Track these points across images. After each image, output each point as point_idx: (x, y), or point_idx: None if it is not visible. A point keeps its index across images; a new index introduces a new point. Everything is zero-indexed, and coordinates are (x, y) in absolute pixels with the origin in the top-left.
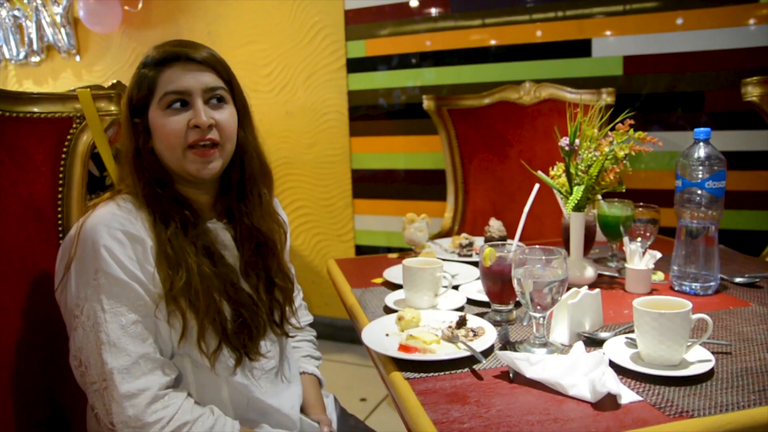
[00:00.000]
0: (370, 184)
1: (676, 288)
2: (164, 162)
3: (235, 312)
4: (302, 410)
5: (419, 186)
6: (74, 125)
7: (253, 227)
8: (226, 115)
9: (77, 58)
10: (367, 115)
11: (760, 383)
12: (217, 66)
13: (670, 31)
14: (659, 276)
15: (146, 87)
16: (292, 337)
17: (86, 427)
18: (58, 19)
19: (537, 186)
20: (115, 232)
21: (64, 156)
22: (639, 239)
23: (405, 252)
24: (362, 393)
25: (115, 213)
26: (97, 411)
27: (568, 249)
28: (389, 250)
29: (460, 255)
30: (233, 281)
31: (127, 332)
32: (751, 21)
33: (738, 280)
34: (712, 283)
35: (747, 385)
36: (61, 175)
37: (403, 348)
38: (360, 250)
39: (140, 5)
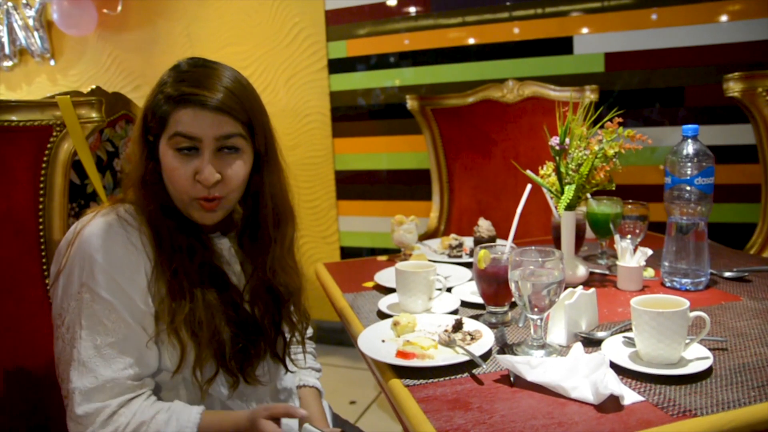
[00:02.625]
0: (354, 185)
1: (668, 284)
2: (170, 195)
3: (235, 335)
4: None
5: (403, 186)
6: (54, 133)
7: (261, 272)
8: (236, 169)
9: (52, 63)
10: (350, 115)
11: (759, 379)
12: (235, 110)
13: (650, 27)
14: (650, 272)
15: (159, 117)
16: (293, 372)
17: None
18: (30, 22)
19: (529, 187)
20: (110, 247)
21: (44, 165)
22: (629, 236)
23: (394, 254)
24: (351, 396)
25: (113, 225)
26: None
27: (558, 247)
28: (374, 251)
29: (450, 256)
30: (236, 303)
31: (99, 354)
32: (724, 18)
33: (727, 274)
34: (702, 279)
35: (746, 381)
36: (41, 186)
37: (401, 354)
38: (345, 251)
39: (119, 7)
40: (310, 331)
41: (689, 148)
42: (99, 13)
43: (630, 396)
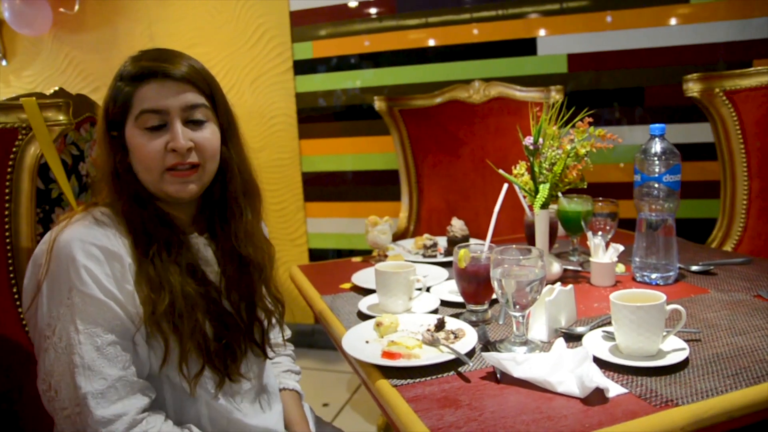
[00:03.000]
0: (321, 187)
1: (638, 279)
2: (142, 181)
3: (218, 332)
4: (286, 427)
5: (371, 187)
6: (20, 136)
7: (234, 249)
8: (207, 135)
9: (3, 63)
10: (316, 117)
11: (733, 368)
12: (198, 81)
13: (610, 29)
14: (621, 268)
15: (122, 102)
16: (271, 359)
17: None
18: None
19: (506, 186)
20: (91, 248)
21: (10, 170)
22: (599, 233)
23: (368, 255)
24: (324, 398)
25: (91, 228)
26: None
27: (533, 245)
28: (340, 253)
29: (424, 256)
30: (215, 299)
31: (103, 354)
32: (675, 21)
33: (694, 268)
34: (671, 273)
35: (721, 371)
36: (7, 191)
37: (387, 355)
38: (313, 253)
39: (76, 7)
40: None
41: (657, 146)
42: (54, 13)
43: (614, 389)
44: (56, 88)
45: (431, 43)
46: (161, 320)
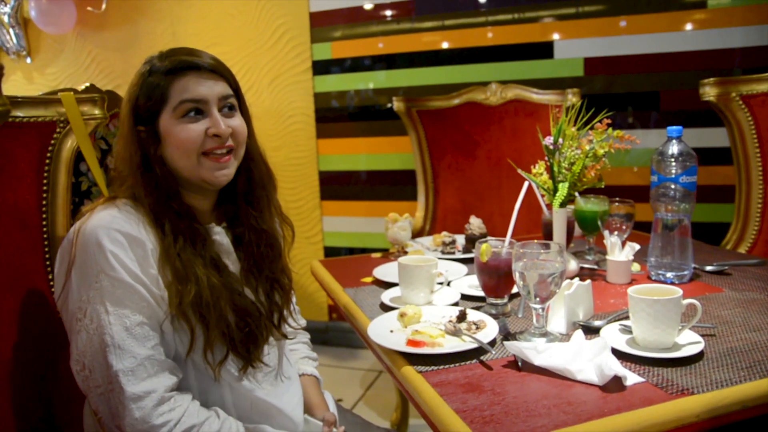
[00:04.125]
0: (337, 186)
1: (654, 277)
2: (175, 170)
3: (241, 320)
4: (306, 411)
5: (387, 187)
6: (58, 130)
7: (262, 230)
8: (238, 122)
9: (28, 60)
10: (334, 117)
11: (747, 361)
12: (227, 74)
13: (626, 34)
14: (636, 267)
15: (158, 95)
16: (291, 338)
17: None
18: (6, 19)
19: (527, 184)
20: (115, 234)
21: (47, 162)
22: (615, 233)
23: (386, 252)
24: (338, 394)
25: (114, 215)
26: (102, 415)
27: None
28: (353, 251)
29: (443, 252)
30: (237, 289)
31: (131, 334)
32: (690, 26)
33: (709, 268)
34: (686, 272)
35: (735, 363)
36: (45, 182)
37: (412, 343)
38: (328, 251)
39: (104, 5)
40: (294, 300)
41: (674, 148)
42: (79, 11)
43: (631, 377)
44: (87, 84)
45: (449, 45)
46: (187, 310)
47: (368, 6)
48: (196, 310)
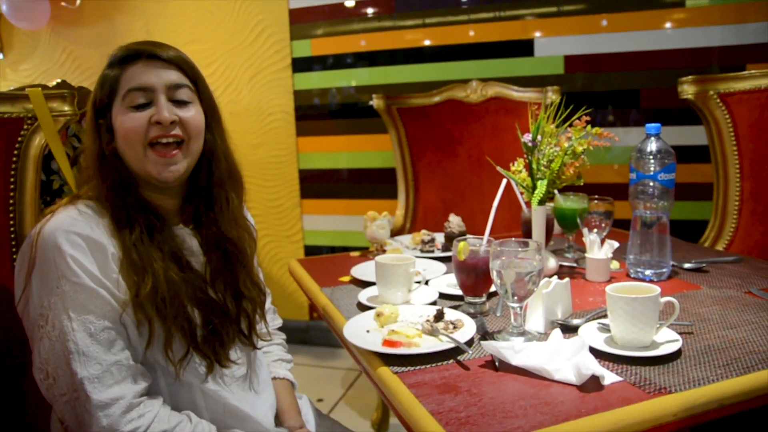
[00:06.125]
0: (317, 184)
1: (632, 275)
2: (128, 164)
3: (205, 319)
4: (277, 416)
5: (367, 185)
6: (25, 126)
7: (220, 234)
8: (192, 113)
9: (0, 56)
10: (314, 114)
11: (724, 358)
12: (183, 65)
13: (606, 32)
14: (615, 265)
15: (109, 86)
16: (260, 348)
17: None
18: None
19: (504, 181)
20: (75, 238)
21: (15, 159)
22: (595, 231)
23: (365, 250)
24: (318, 394)
25: (74, 218)
26: (68, 424)
27: None
28: (334, 250)
29: (422, 251)
30: (201, 287)
31: (96, 340)
32: (670, 24)
33: (687, 265)
34: (665, 270)
35: (713, 361)
36: (12, 179)
37: (388, 343)
38: (309, 250)
39: (78, 1)
40: (269, 301)
41: (653, 145)
42: (53, 7)
43: (609, 377)
44: (58, 80)
45: (429, 42)
46: (145, 303)
47: (349, 3)
48: (153, 303)
